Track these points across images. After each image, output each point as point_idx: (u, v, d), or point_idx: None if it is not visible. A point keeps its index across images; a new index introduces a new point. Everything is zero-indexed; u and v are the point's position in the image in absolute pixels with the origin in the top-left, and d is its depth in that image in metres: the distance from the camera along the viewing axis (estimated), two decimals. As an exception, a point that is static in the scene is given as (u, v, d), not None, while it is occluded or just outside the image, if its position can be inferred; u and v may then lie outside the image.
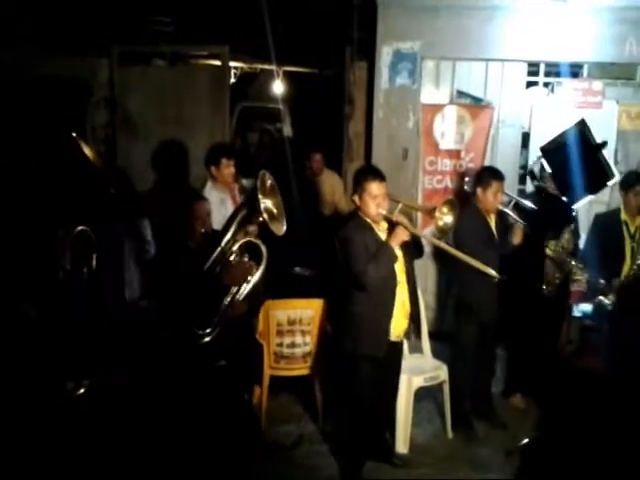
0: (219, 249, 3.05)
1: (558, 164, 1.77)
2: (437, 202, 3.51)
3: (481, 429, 3.83)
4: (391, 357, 3.29)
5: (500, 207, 3.73)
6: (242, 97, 7.34)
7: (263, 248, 3.30)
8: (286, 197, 5.04)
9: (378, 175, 3.19)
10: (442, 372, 3.76)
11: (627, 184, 4.12)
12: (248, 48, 6.78)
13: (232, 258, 3.11)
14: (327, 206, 5.13)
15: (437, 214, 3.24)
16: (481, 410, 3.91)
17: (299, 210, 4.81)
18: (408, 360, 3.74)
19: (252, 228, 3.33)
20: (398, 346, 3.35)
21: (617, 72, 5.22)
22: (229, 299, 3.12)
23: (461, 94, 5.31)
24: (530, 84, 5.25)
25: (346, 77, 5.52)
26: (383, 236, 3.20)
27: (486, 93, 5.23)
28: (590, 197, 1.69)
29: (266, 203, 3.27)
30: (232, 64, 6.78)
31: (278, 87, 7.00)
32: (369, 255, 3.08)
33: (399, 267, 3.21)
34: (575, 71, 5.25)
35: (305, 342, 3.85)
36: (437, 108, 5.18)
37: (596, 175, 1.72)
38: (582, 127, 1.77)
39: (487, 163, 5.02)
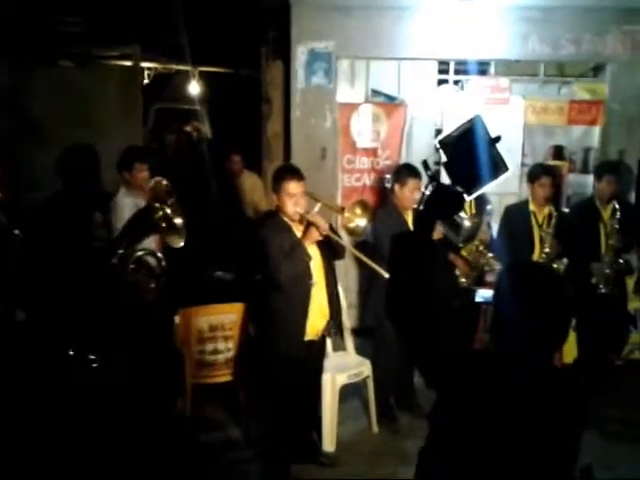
0: (113, 263, 2.90)
1: (454, 156, 1.80)
2: (353, 201, 3.50)
3: (405, 421, 3.88)
4: (311, 356, 3.27)
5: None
6: (157, 98, 7.13)
7: (154, 262, 3.19)
8: (205, 200, 4.99)
9: (296, 174, 3.16)
10: (365, 368, 3.77)
11: (533, 176, 4.32)
12: (162, 48, 6.60)
13: (128, 273, 2.97)
14: (248, 207, 5.05)
15: (347, 214, 3.23)
16: (404, 402, 3.96)
17: (219, 213, 4.71)
18: (332, 358, 3.74)
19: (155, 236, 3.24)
20: (318, 345, 3.31)
21: (522, 69, 5.44)
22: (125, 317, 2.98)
23: (376, 93, 5.38)
24: (441, 82, 5.39)
25: (262, 77, 5.47)
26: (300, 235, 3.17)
27: (399, 91, 5.33)
28: (485, 188, 1.75)
29: (164, 212, 3.17)
30: (145, 65, 6.57)
31: (194, 88, 6.85)
32: (283, 254, 3.05)
33: (316, 267, 3.18)
34: (483, 69, 5.44)
35: (228, 348, 3.77)
36: (353, 107, 5.22)
37: (490, 168, 1.77)
38: (477, 122, 1.80)
39: (403, 160, 5.11)
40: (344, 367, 3.72)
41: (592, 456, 2.00)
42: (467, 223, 3.64)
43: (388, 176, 4.76)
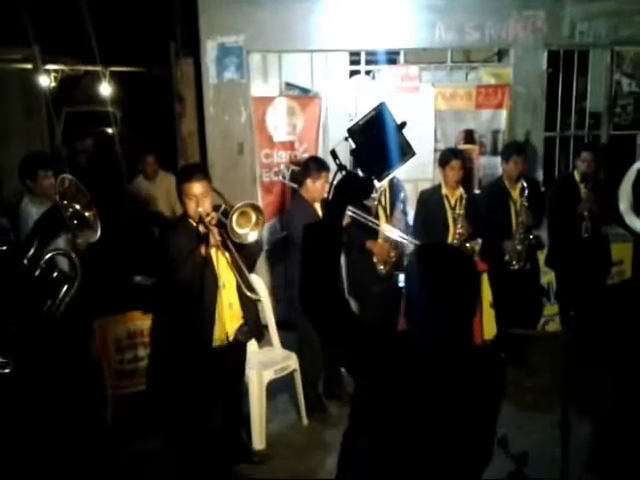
0: (22, 265, 2.77)
1: (362, 144, 1.80)
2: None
3: (335, 411, 3.91)
4: (226, 360, 3.18)
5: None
6: (68, 102, 6.84)
7: (68, 264, 3.06)
8: (121, 203, 4.85)
9: (195, 174, 3.02)
10: (292, 361, 3.78)
11: (444, 160, 4.44)
12: (68, 49, 6.33)
13: (37, 274, 2.84)
14: (165, 209, 4.93)
15: (234, 217, 2.97)
16: (333, 392, 4.00)
17: (133, 216, 4.59)
18: (257, 355, 3.72)
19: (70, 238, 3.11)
20: (233, 348, 3.21)
21: (430, 57, 5.57)
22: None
23: (290, 86, 5.37)
24: (353, 73, 5.44)
25: (173, 74, 5.34)
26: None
27: (313, 84, 5.33)
28: (394, 173, 1.78)
29: (74, 208, 3.05)
30: (51, 67, 6.29)
31: (106, 89, 6.61)
32: (181, 258, 2.94)
33: (224, 269, 3.06)
34: (393, 58, 5.53)
35: (148, 354, 3.68)
36: (268, 101, 5.19)
37: (397, 153, 1.80)
38: (383, 109, 1.81)
39: (320, 152, 5.14)
40: (270, 363, 3.71)
41: (510, 425, 2.10)
42: (374, 203, 3.71)
43: (282, 167, 4.91)
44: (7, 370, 2.60)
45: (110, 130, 6.93)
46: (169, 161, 5.27)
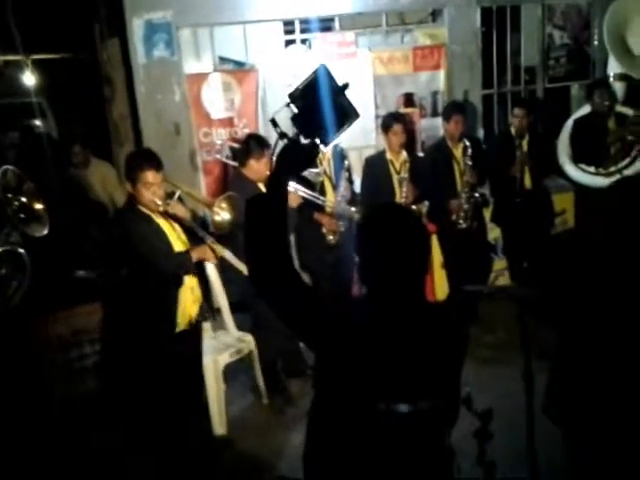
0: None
1: (303, 109, 1.72)
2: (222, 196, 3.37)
3: (296, 388, 3.87)
4: (189, 344, 3.14)
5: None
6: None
7: (19, 258, 2.92)
8: (54, 196, 4.61)
9: (153, 161, 2.96)
10: (247, 343, 3.71)
11: (386, 125, 4.41)
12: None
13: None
14: (102, 198, 4.73)
15: (215, 209, 3.14)
16: (293, 369, 3.96)
17: (68, 208, 4.38)
18: (212, 340, 3.64)
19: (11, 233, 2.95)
20: (193, 333, 3.17)
21: (366, 21, 5.48)
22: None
23: (224, 60, 5.19)
24: (288, 43, 5.30)
25: (99, 57, 5.09)
26: (164, 226, 3.02)
27: (248, 57, 5.17)
28: (338, 136, 1.71)
29: (20, 201, 2.91)
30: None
31: (29, 78, 6.24)
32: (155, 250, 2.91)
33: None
34: (328, 25, 5.42)
35: (95, 351, 3.54)
36: (202, 77, 5.00)
37: (340, 116, 1.72)
38: (322, 71, 1.73)
39: (260, 126, 5.02)
40: (225, 346, 3.63)
41: (472, 382, 2.12)
42: (320, 179, 3.65)
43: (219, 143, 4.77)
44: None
45: (37, 122, 6.58)
46: (102, 147, 5.04)
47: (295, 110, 1.79)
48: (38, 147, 5.70)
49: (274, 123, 1.86)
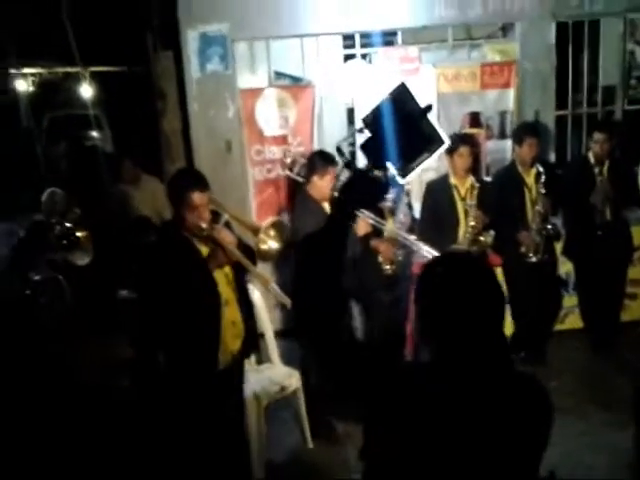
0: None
1: (376, 135, 1.46)
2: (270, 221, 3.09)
3: (344, 426, 3.55)
4: (231, 381, 2.88)
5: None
6: (50, 106, 6.49)
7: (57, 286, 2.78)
8: (103, 212, 4.50)
9: (199, 182, 2.68)
10: (294, 380, 3.43)
11: (451, 147, 4.05)
12: (43, 52, 5.96)
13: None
14: (151, 215, 4.57)
15: (262, 236, 2.85)
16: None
17: (117, 224, 4.24)
18: (254, 374, 3.37)
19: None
20: (235, 371, 2.91)
21: (430, 36, 5.17)
22: None
23: (279, 75, 4.99)
24: (348, 57, 5.05)
25: (152, 70, 4.97)
26: (204, 251, 2.75)
27: (305, 71, 4.94)
28: (419, 166, 1.43)
29: (62, 226, 2.77)
30: (27, 71, 5.93)
31: (87, 90, 6.24)
32: (184, 279, 2.62)
33: (224, 283, 2.77)
34: (390, 39, 5.15)
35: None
36: (256, 92, 4.81)
37: (422, 142, 1.45)
38: (402, 91, 1.47)
39: (315, 145, 4.77)
40: (269, 383, 3.35)
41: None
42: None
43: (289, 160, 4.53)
44: None
45: (94, 133, 6.57)
46: (153, 163, 4.91)
47: (369, 135, 1.55)
48: (90, 159, 5.66)
49: (340, 151, 1.63)
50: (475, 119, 4.94)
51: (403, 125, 1.46)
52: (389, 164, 1.46)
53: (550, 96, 4.99)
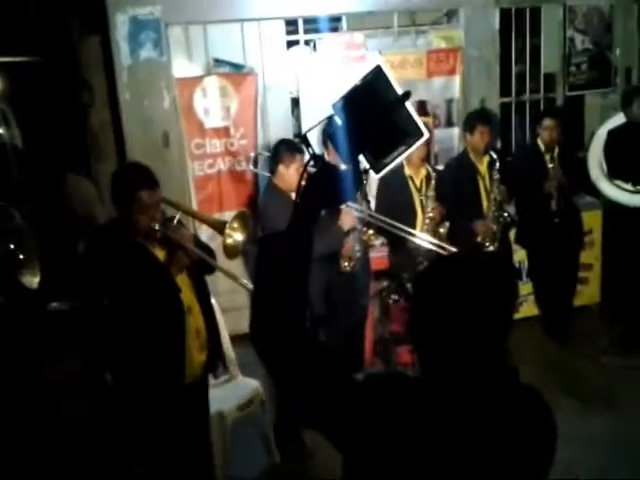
0: None
1: (350, 123, 1.22)
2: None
3: (310, 439, 3.33)
4: (196, 398, 2.64)
5: None
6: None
7: None
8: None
9: (149, 179, 2.43)
10: (258, 392, 3.16)
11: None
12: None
13: None
14: (83, 221, 4.12)
15: (227, 231, 2.59)
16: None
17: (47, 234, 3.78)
18: (218, 390, 3.07)
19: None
20: (200, 385, 2.66)
21: (375, 21, 5.00)
22: None
23: (219, 62, 4.64)
24: (291, 44, 4.79)
25: (77, 58, 4.50)
26: (160, 255, 2.47)
27: (246, 58, 4.63)
28: (395, 160, 1.23)
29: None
30: None
31: (-5, 84, 5.60)
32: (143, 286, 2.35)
33: (186, 290, 2.53)
34: (335, 25, 4.93)
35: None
36: (194, 81, 4.46)
37: (398, 133, 1.23)
38: (378, 75, 1.24)
39: (260, 138, 4.50)
40: (232, 398, 3.07)
41: None
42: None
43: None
44: None
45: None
46: (79, 162, 4.43)
47: (339, 122, 1.33)
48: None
49: (305, 141, 1.41)
50: (422, 107, 4.82)
51: (378, 114, 1.25)
52: (361, 158, 1.25)
53: (495, 83, 4.96)
